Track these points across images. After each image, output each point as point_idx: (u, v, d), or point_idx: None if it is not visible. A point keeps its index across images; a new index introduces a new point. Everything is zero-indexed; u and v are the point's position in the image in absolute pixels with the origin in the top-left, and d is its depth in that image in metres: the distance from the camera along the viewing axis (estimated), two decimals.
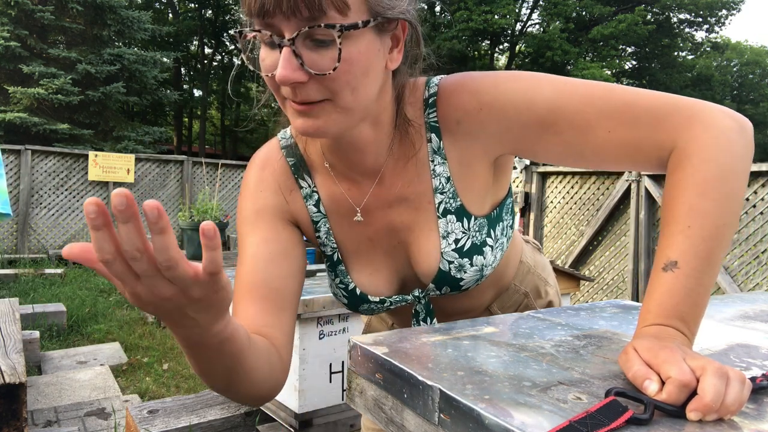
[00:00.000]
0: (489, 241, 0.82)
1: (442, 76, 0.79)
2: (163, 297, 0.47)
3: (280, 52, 0.62)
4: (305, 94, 0.64)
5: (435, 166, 0.78)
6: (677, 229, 0.61)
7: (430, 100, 0.77)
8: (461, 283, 0.82)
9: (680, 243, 0.61)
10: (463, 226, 0.80)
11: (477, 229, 0.81)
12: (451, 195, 0.79)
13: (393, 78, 0.74)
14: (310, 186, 0.83)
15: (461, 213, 0.80)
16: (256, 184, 0.83)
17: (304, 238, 0.87)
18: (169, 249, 0.43)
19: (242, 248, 0.81)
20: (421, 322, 0.86)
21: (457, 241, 0.80)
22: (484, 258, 0.81)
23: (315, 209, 0.84)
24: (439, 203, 0.79)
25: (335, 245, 0.85)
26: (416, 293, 0.85)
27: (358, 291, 0.85)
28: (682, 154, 0.65)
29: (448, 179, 0.78)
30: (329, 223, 0.84)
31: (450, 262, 0.80)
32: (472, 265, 0.81)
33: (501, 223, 0.84)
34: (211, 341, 0.55)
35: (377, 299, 0.85)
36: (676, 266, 0.60)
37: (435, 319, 0.86)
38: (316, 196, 0.83)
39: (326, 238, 0.85)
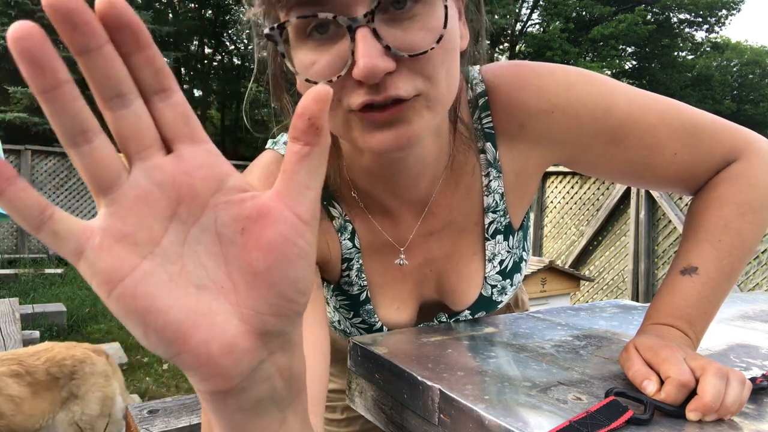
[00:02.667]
0: (524, 255, 0.75)
1: (478, 67, 0.66)
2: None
3: (352, 37, 0.46)
4: (395, 88, 0.48)
5: (490, 181, 0.67)
6: (706, 238, 0.62)
7: (480, 101, 0.65)
8: (499, 306, 0.76)
9: (706, 252, 0.61)
10: (508, 245, 0.72)
11: (517, 245, 0.73)
12: (502, 213, 0.70)
13: None
14: (341, 215, 0.68)
15: (509, 231, 0.71)
16: None
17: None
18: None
19: None
20: None
21: (501, 262, 0.71)
22: (521, 274, 0.75)
23: (350, 244, 0.68)
24: (490, 223, 0.69)
25: (365, 284, 0.71)
26: (443, 319, 0.76)
27: (384, 329, 0.74)
28: (728, 174, 0.65)
29: (502, 195, 0.68)
30: (363, 260, 0.70)
31: (493, 286, 0.72)
32: (512, 285, 0.74)
33: (528, 231, 0.78)
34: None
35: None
36: (695, 272, 0.60)
37: None
38: (350, 227, 0.68)
39: (356, 276, 0.71)
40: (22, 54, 0.23)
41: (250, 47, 0.67)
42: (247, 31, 0.61)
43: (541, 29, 21.05)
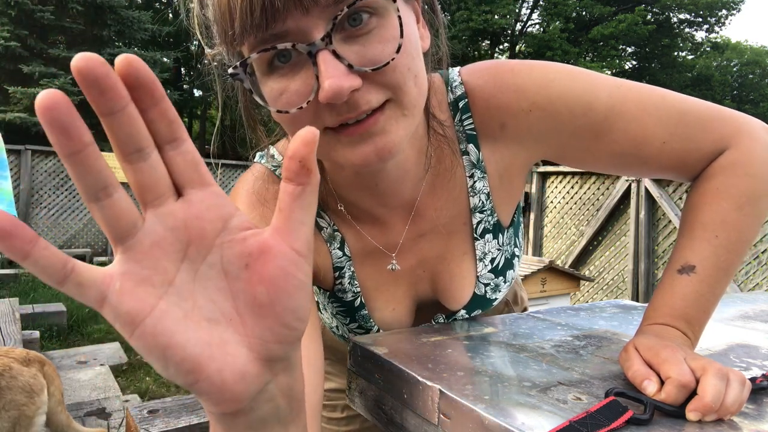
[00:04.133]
0: (516, 251, 0.75)
1: (458, 68, 0.67)
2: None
3: (314, 62, 0.47)
4: (366, 102, 0.49)
5: (474, 182, 0.68)
6: (703, 235, 0.61)
7: (460, 103, 0.65)
8: (494, 303, 0.76)
9: (703, 249, 0.60)
10: (498, 243, 0.72)
11: (508, 242, 0.73)
12: (490, 212, 0.70)
13: None
14: (329, 225, 0.69)
15: (498, 229, 0.71)
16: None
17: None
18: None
19: None
20: None
21: (493, 260, 0.72)
22: (514, 270, 0.75)
23: (340, 253, 0.70)
24: (478, 223, 0.70)
25: (358, 290, 0.72)
26: (440, 320, 0.76)
27: (381, 331, 0.74)
28: (724, 163, 0.63)
29: (488, 195, 0.69)
30: (354, 267, 0.71)
31: (486, 285, 0.73)
32: (505, 281, 0.74)
33: (520, 227, 0.78)
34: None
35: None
36: (693, 270, 0.60)
37: None
38: (339, 237, 0.69)
39: (349, 283, 0.71)
40: (51, 123, 0.25)
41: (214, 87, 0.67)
42: (210, 70, 0.62)
43: (541, 29, 21.05)
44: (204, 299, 0.30)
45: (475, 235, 0.71)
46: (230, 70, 0.50)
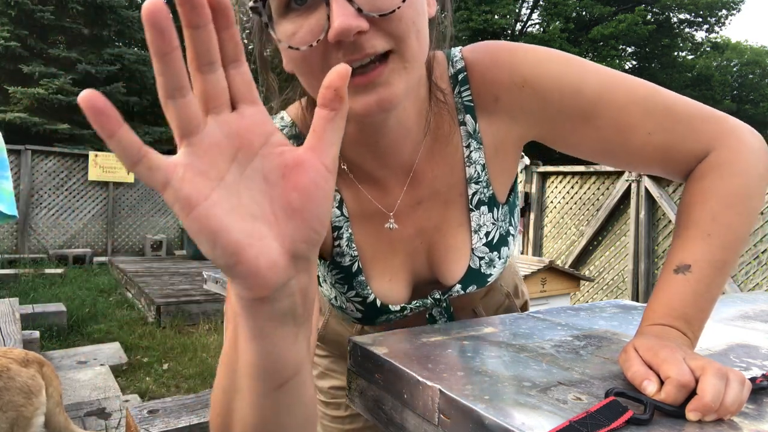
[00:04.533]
0: (511, 229, 0.77)
1: (460, 47, 0.71)
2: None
3: (327, 3, 0.52)
4: (371, 46, 0.53)
5: (471, 152, 0.71)
6: (697, 234, 0.61)
7: (460, 76, 0.69)
8: (488, 279, 0.76)
9: (697, 249, 0.61)
10: (493, 217, 0.74)
11: (503, 218, 0.75)
12: (485, 184, 0.72)
13: None
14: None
15: (493, 203, 0.73)
16: None
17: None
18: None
19: None
20: (437, 322, 0.81)
21: (488, 234, 0.74)
22: (509, 248, 0.77)
23: (338, 212, 0.73)
24: (473, 194, 0.72)
25: (356, 254, 0.74)
26: (436, 296, 0.77)
27: (378, 303, 0.75)
28: (712, 163, 0.65)
29: (483, 167, 0.71)
30: (352, 228, 0.73)
31: (480, 258, 0.74)
32: (500, 257, 0.75)
33: (516, 208, 0.80)
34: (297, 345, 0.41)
35: (398, 308, 0.76)
36: (689, 270, 0.60)
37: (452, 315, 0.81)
38: (338, 197, 0.73)
39: (347, 246, 0.73)
40: (153, 25, 0.30)
41: (250, 47, 0.70)
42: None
43: (541, 29, 21.05)
44: (247, 198, 0.35)
45: (471, 206, 0.73)
46: (250, 4, 0.57)
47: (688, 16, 22.14)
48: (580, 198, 5.62)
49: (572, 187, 5.71)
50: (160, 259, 7.37)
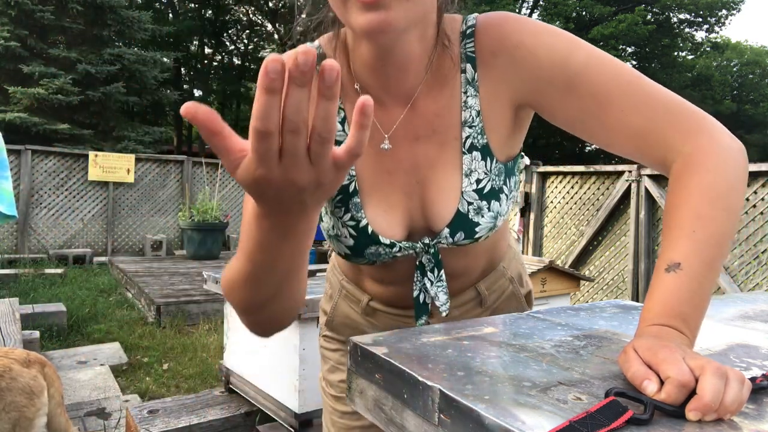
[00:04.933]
0: (505, 189, 0.80)
1: (475, 14, 0.80)
2: (295, 181, 0.43)
3: None
4: None
5: (467, 97, 0.77)
6: (682, 233, 0.62)
7: (468, 31, 0.77)
8: (476, 229, 0.79)
9: (685, 246, 0.61)
10: (486, 167, 0.78)
11: (497, 173, 0.79)
12: (479, 130, 0.77)
13: None
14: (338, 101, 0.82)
15: (486, 151, 0.78)
16: None
17: None
18: (332, 118, 0.40)
19: None
20: (428, 274, 0.83)
21: (478, 181, 0.78)
22: (500, 205, 0.80)
23: (340, 127, 0.80)
24: (467, 137, 0.77)
25: (353, 173, 0.80)
26: (426, 241, 0.81)
27: (369, 230, 0.79)
28: (689, 161, 0.66)
29: (478, 113, 0.77)
30: None
31: (469, 203, 0.78)
32: (489, 209, 0.78)
33: (513, 177, 0.83)
34: (300, 230, 0.52)
35: (388, 242, 0.79)
36: (679, 268, 0.60)
37: (443, 271, 0.82)
38: (342, 114, 0.80)
39: None
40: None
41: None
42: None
43: None
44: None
45: (463, 150, 0.78)
46: None
47: (688, 16, 22.15)
48: (580, 198, 5.62)
49: (572, 187, 5.71)
50: (160, 259, 7.37)
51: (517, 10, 19.78)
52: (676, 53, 22.37)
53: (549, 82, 0.72)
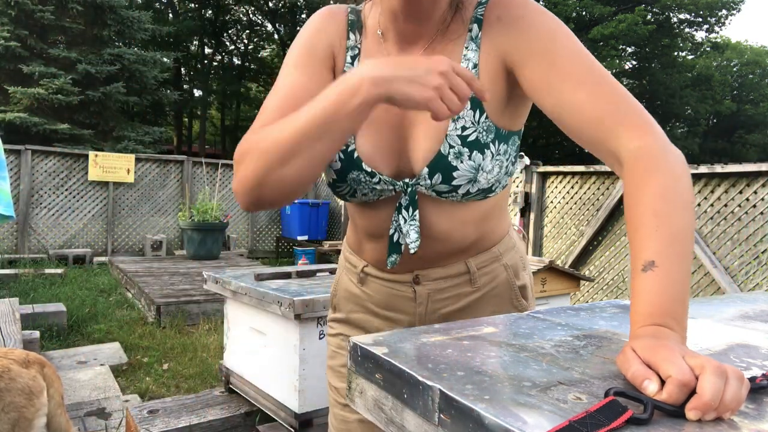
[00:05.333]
0: (492, 147, 0.85)
1: None
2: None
3: None
4: None
5: (468, 51, 0.86)
6: (646, 232, 0.64)
7: (484, 0, 0.87)
8: (454, 174, 0.84)
9: (652, 244, 0.63)
10: (474, 118, 0.84)
11: (485, 128, 0.85)
12: None
13: None
14: (355, 41, 0.94)
15: (476, 103, 0.84)
16: (326, 22, 0.94)
17: None
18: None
19: (283, 78, 0.88)
20: (403, 212, 0.88)
21: (464, 128, 0.84)
22: (483, 159, 0.84)
23: (350, 62, 0.93)
24: None
25: None
26: (406, 180, 0.88)
27: (355, 155, 0.88)
28: (640, 160, 0.70)
29: (475, 66, 0.86)
30: None
31: (451, 147, 0.84)
32: (470, 158, 0.84)
33: (506, 146, 0.88)
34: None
35: (369, 169, 0.87)
36: (654, 265, 0.61)
37: (417, 211, 0.88)
38: (357, 51, 0.93)
39: None
40: None
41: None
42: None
43: None
44: None
45: None
46: None
47: (688, 16, 22.14)
48: (580, 198, 5.62)
49: (572, 187, 5.71)
50: (160, 259, 7.37)
51: None
52: (676, 53, 22.36)
53: (534, 51, 0.81)
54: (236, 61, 23.65)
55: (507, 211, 1.01)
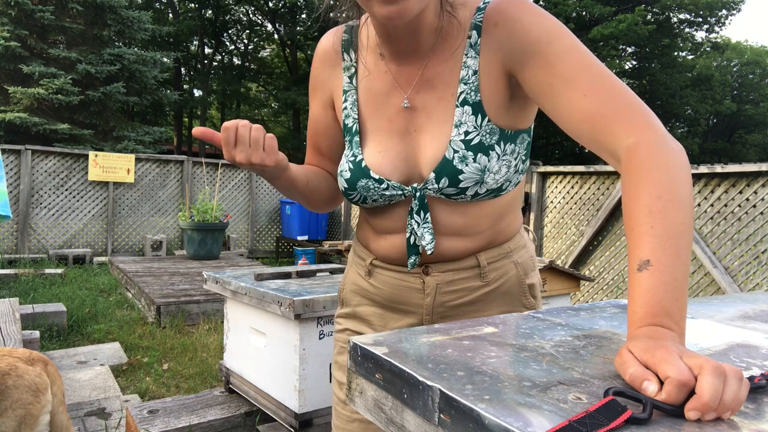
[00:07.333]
0: (497, 149, 0.87)
1: None
2: (250, 161, 0.83)
3: None
4: None
5: (468, 58, 0.88)
6: (641, 231, 0.64)
7: (482, 5, 0.88)
8: (460, 177, 0.86)
9: (647, 243, 0.62)
10: (476, 122, 0.87)
11: (488, 131, 0.87)
12: (473, 88, 0.87)
13: None
14: (351, 60, 0.98)
15: (477, 108, 0.87)
16: (321, 55, 1.03)
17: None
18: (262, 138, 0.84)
19: (310, 107, 1.06)
20: (415, 216, 0.91)
21: (467, 133, 0.86)
22: (489, 161, 0.86)
23: (348, 80, 0.98)
24: (461, 92, 0.87)
25: (357, 117, 0.96)
26: (415, 185, 0.90)
27: (363, 164, 0.93)
28: (636, 156, 0.70)
29: (475, 72, 0.87)
30: (356, 96, 0.97)
31: (455, 151, 0.86)
32: (475, 161, 0.86)
33: (513, 145, 0.89)
34: (283, 178, 0.93)
35: (377, 177, 0.91)
36: (649, 264, 0.61)
37: (428, 214, 0.90)
38: (353, 70, 0.98)
39: (351, 108, 0.97)
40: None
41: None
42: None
43: None
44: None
45: (456, 103, 0.88)
46: None
47: (688, 16, 22.14)
48: (580, 198, 5.62)
49: (572, 187, 5.71)
50: (160, 259, 7.37)
51: None
52: (676, 53, 22.36)
53: (532, 55, 0.82)
54: (236, 61, 23.64)
55: (520, 209, 1.02)
